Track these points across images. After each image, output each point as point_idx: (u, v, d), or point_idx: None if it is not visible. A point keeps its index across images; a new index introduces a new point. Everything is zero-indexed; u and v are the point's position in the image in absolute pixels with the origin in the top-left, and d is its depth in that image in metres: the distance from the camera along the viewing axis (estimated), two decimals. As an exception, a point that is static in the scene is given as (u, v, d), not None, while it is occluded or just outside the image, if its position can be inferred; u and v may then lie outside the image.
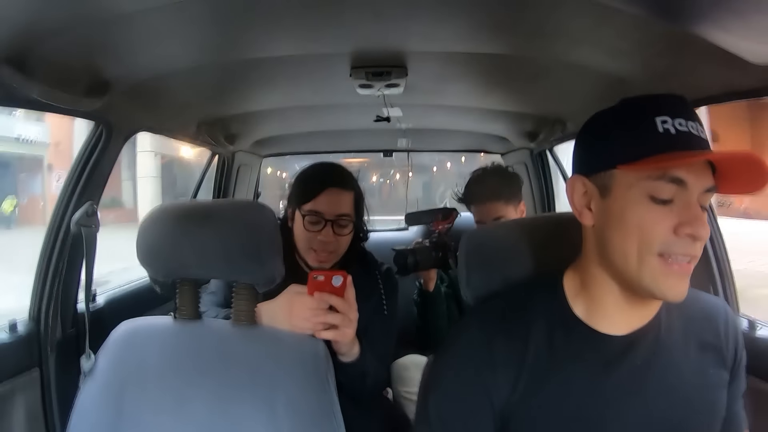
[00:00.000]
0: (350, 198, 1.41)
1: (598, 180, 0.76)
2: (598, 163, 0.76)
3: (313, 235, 1.36)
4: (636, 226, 0.71)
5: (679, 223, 0.70)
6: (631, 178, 0.72)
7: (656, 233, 0.71)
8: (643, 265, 0.72)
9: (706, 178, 0.71)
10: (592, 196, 0.77)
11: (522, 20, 1.09)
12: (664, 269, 0.71)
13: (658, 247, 0.71)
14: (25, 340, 1.34)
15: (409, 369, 1.94)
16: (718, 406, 0.81)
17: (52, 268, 1.41)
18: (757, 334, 1.26)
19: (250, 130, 2.34)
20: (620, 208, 0.73)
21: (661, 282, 0.71)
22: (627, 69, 1.23)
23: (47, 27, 0.94)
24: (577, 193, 0.79)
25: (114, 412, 0.98)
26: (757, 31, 0.85)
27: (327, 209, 1.36)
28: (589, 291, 0.79)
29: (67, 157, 11.84)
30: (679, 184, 0.70)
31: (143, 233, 1.04)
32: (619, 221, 0.73)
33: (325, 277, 1.08)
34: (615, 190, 0.74)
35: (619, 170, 0.73)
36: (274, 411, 0.97)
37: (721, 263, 1.41)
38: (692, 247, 0.71)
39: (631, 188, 0.72)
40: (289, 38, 1.22)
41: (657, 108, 0.73)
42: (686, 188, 0.70)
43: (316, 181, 1.40)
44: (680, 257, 0.71)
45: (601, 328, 0.79)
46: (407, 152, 2.92)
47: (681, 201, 0.71)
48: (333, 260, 1.40)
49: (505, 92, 1.80)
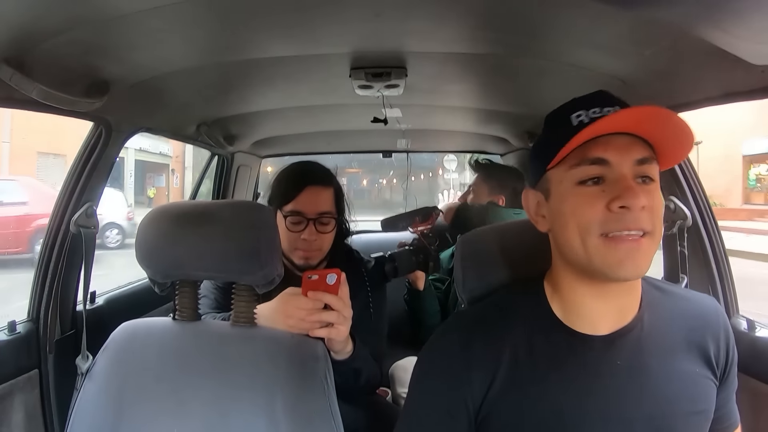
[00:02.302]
0: (330, 194, 1.41)
1: (540, 187, 0.82)
2: (536, 172, 0.82)
3: (296, 235, 1.36)
4: (571, 214, 0.75)
5: (610, 199, 0.72)
6: (559, 174, 0.77)
7: (590, 215, 0.73)
8: (588, 249, 0.73)
9: (633, 150, 0.73)
10: (541, 204, 0.82)
11: (522, 21, 1.09)
12: (609, 247, 0.72)
13: (597, 227, 0.73)
14: (24, 340, 1.34)
15: (408, 371, 1.93)
16: (705, 405, 0.81)
17: (51, 268, 1.41)
18: (756, 334, 1.27)
19: (250, 131, 2.34)
20: (558, 204, 0.78)
21: (610, 260, 0.72)
22: (626, 70, 1.23)
23: (47, 27, 0.94)
24: (531, 204, 0.84)
25: (113, 413, 0.98)
26: (756, 31, 0.85)
27: (308, 208, 1.36)
28: (562, 293, 0.81)
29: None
30: (602, 164, 0.73)
31: (142, 234, 1.04)
32: (559, 215, 0.77)
33: (318, 276, 1.09)
34: (552, 190, 0.79)
35: (549, 171, 0.79)
36: (273, 412, 0.97)
37: (720, 264, 1.41)
38: (632, 220, 0.72)
39: (561, 182, 0.77)
40: (288, 39, 1.22)
41: (572, 107, 0.78)
42: (611, 166, 0.73)
43: (294, 181, 1.40)
44: (622, 232, 0.72)
45: (580, 328, 0.79)
46: (406, 153, 2.92)
47: (609, 179, 0.73)
48: (319, 257, 1.41)
49: (505, 93, 1.80)
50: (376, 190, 22.75)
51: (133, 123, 1.53)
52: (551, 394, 0.77)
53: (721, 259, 1.42)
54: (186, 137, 2.00)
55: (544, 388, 0.77)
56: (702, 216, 1.42)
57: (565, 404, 0.77)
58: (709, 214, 1.43)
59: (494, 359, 0.79)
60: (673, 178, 1.41)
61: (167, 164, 20.69)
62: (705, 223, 1.42)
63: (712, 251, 1.42)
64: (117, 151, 1.49)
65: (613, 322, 0.79)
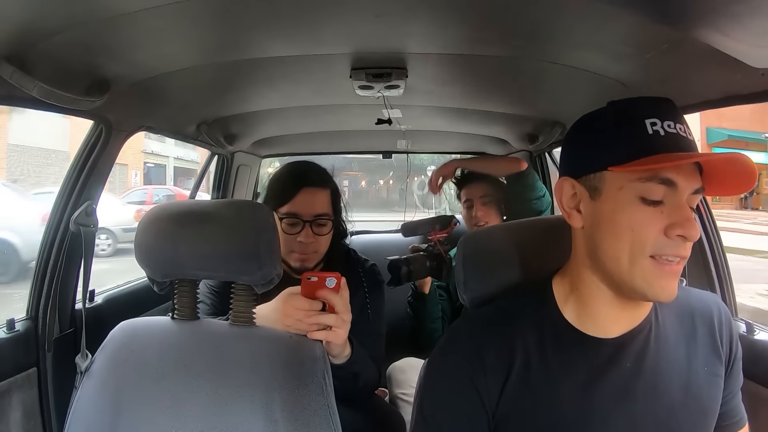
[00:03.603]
0: (326, 196, 1.39)
1: (587, 182, 0.76)
2: (587, 165, 0.76)
3: (292, 237, 1.35)
4: (627, 228, 0.71)
5: (669, 224, 0.70)
6: (621, 180, 0.72)
7: (648, 235, 0.71)
8: (635, 267, 0.72)
9: (694, 179, 0.72)
10: (582, 198, 0.77)
11: (522, 23, 1.09)
12: (656, 271, 0.71)
13: (650, 248, 0.71)
14: (22, 338, 1.34)
15: (406, 372, 1.94)
16: (712, 405, 0.81)
17: (51, 266, 1.41)
18: (755, 337, 1.27)
19: (250, 131, 2.34)
20: (611, 210, 0.73)
21: (654, 283, 0.72)
22: (627, 72, 1.23)
23: (48, 26, 0.94)
24: (566, 195, 0.79)
25: (111, 412, 0.98)
26: (755, 35, 0.85)
27: (304, 210, 1.35)
28: (579, 294, 0.80)
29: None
30: (669, 186, 0.71)
31: (141, 233, 1.04)
32: (609, 223, 0.73)
33: (318, 279, 1.08)
34: (605, 192, 0.74)
35: (609, 172, 0.73)
36: (271, 412, 0.97)
37: (719, 265, 1.41)
38: (683, 248, 0.71)
39: (621, 190, 0.72)
40: (289, 39, 1.22)
41: (646, 110, 0.73)
42: (676, 190, 0.71)
43: (290, 183, 1.38)
44: (671, 258, 0.71)
45: (590, 331, 0.79)
46: (406, 153, 2.92)
47: (671, 202, 0.71)
48: (316, 260, 1.39)
49: (505, 95, 1.80)
50: (374, 191, 22.94)
51: (133, 122, 1.53)
52: (562, 396, 0.77)
53: (721, 261, 1.42)
54: (186, 136, 1.99)
55: (556, 390, 0.77)
56: (702, 220, 1.42)
57: (576, 406, 0.77)
58: (708, 218, 1.43)
59: (507, 361, 0.79)
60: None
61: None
62: (704, 226, 1.42)
63: (711, 254, 1.42)
64: (117, 150, 1.49)
65: (625, 325, 0.79)
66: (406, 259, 1.70)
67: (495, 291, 0.92)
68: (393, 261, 1.69)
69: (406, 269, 1.68)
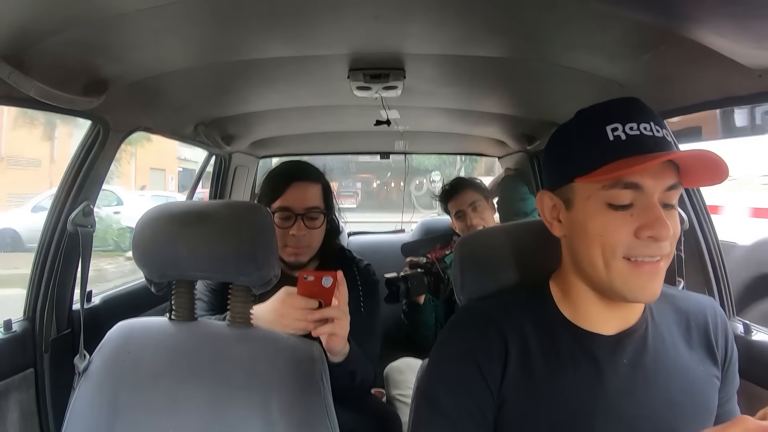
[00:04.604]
0: (318, 190, 1.42)
1: (562, 194, 0.79)
2: (559, 177, 0.79)
3: (285, 231, 1.37)
4: (597, 234, 0.73)
5: (639, 226, 0.71)
6: (588, 189, 0.74)
7: (617, 239, 0.72)
8: (610, 270, 0.73)
9: (665, 176, 0.72)
10: (560, 209, 0.80)
11: (520, 24, 1.09)
12: (632, 271, 0.72)
13: (622, 251, 0.72)
14: (19, 339, 1.34)
15: (404, 372, 1.94)
16: (708, 404, 0.81)
17: (48, 267, 1.40)
18: (752, 338, 1.27)
19: (248, 131, 2.34)
20: (582, 219, 0.75)
21: (631, 284, 0.73)
22: (624, 73, 1.23)
23: (45, 26, 0.94)
24: (546, 207, 0.82)
25: (109, 413, 0.98)
26: (753, 36, 0.86)
27: (295, 203, 1.38)
28: (571, 298, 0.81)
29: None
30: (636, 189, 0.71)
31: (139, 233, 1.04)
32: (582, 231, 0.75)
33: (314, 278, 1.09)
34: (576, 202, 0.76)
35: (577, 183, 0.75)
36: (268, 412, 0.97)
37: (716, 268, 1.42)
38: (657, 248, 0.72)
39: (589, 199, 0.74)
40: (287, 40, 1.22)
41: (607, 116, 0.74)
42: (643, 191, 0.72)
43: (281, 178, 1.42)
44: (646, 258, 0.72)
45: (588, 328, 0.80)
46: (404, 154, 2.92)
47: (640, 204, 0.72)
48: (309, 254, 1.41)
49: (503, 95, 1.81)
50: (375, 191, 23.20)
51: (130, 122, 1.53)
52: (563, 390, 0.78)
53: (718, 262, 1.42)
54: (184, 137, 1.99)
55: (553, 382, 0.78)
56: (699, 220, 1.42)
57: (573, 400, 0.77)
58: (706, 218, 1.43)
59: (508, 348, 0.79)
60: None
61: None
62: (702, 227, 1.43)
63: (709, 255, 1.42)
64: (115, 150, 1.49)
65: (619, 324, 0.80)
66: (404, 277, 1.71)
67: (492, 292, 0.92)
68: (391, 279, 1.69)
69: (404, 287, 1.68)
